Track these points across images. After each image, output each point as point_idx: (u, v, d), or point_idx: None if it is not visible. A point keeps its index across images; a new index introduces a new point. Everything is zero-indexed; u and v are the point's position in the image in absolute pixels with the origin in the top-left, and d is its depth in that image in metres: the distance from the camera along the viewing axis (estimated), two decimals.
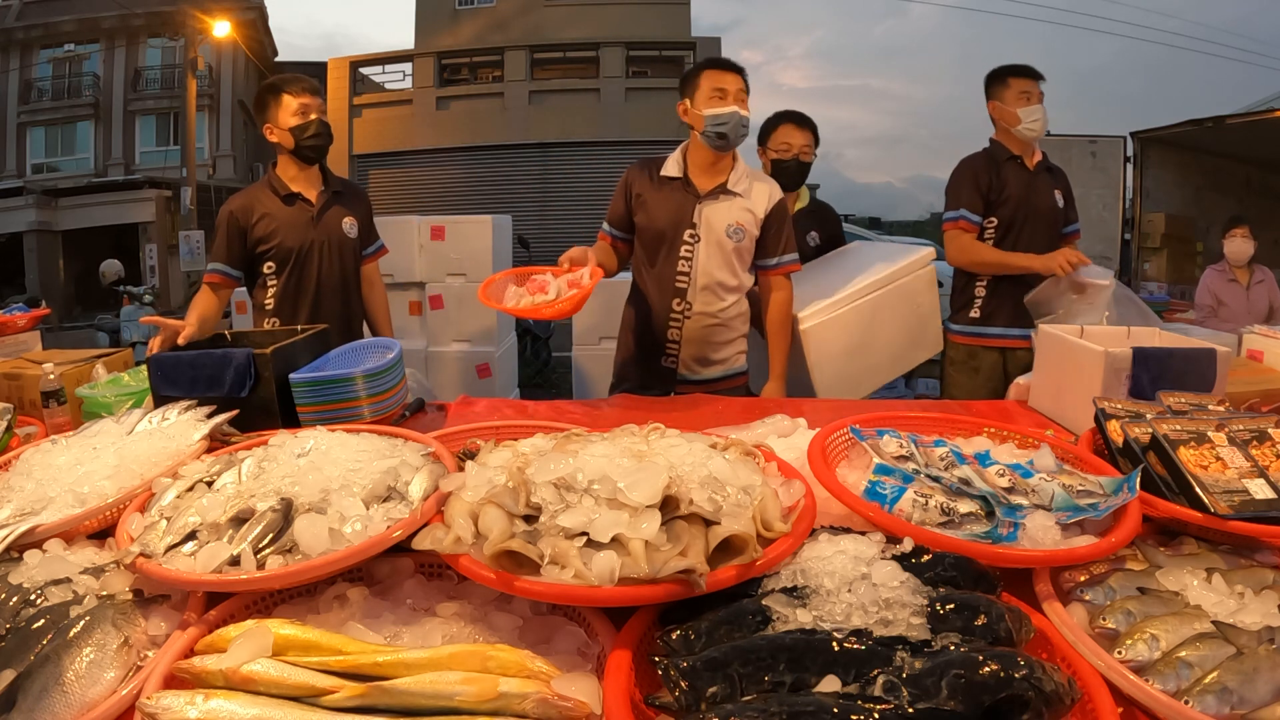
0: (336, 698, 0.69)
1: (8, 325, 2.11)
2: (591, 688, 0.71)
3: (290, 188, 2.13)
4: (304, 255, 2.12)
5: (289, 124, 2.06)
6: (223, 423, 1.31)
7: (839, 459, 1.16)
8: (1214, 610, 0.84)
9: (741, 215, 2.04)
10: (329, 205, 2.18)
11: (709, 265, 2.03)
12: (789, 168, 2.43)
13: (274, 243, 2.09)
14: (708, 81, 1.95)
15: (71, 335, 8.61)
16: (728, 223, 2.02)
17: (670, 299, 2.05)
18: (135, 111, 17.93)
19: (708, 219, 2.02)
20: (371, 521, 0.91)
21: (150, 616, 0.85)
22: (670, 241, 2.03)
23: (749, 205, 2.05)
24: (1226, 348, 1.53)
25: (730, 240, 2.03)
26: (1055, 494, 0.99)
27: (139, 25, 17.34)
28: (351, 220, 2.23)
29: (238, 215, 2.08)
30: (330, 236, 2.17)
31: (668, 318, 2.06)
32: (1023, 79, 2.36)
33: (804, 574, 0.80)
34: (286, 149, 2.10)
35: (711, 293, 2.05)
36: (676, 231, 2.02)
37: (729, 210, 2.03)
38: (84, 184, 15.30)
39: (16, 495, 1.04)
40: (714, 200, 2.02)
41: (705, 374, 2.12)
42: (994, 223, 2.39)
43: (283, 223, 2.10)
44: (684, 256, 2.03)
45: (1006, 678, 0.63)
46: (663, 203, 2.03)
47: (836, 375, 2.23)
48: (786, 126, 2.46)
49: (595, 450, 0.94)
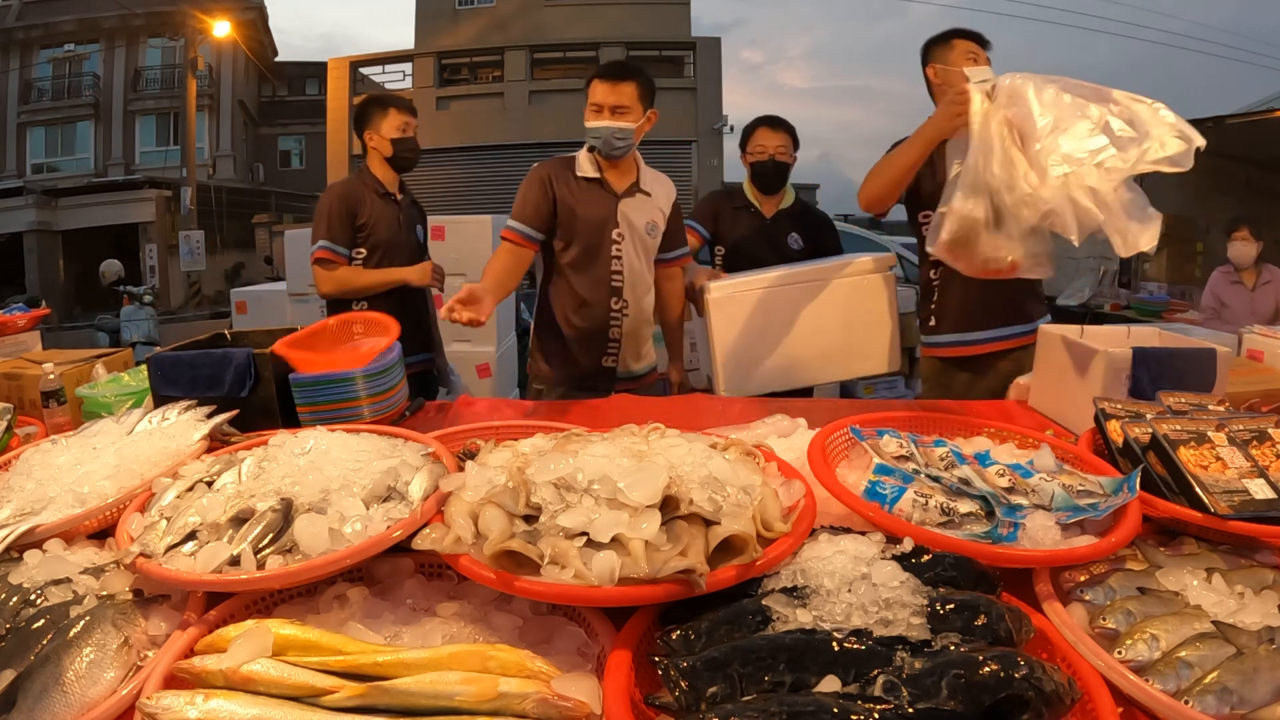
0: (336, 698, 0.69)
1: (8, 325, 2.11)
2: (591, 688, 0.71)
3: (386, 188, 2.41)
4: (393, 249, 2.40)
5: (392, 135, 2.37)
6: (223, 423, 1.31)
7: (839, 459, 1.16)
8: (1214, 610, 0.84)
9: (654, 214, 2.11)
10: (409, 211, 2.50)
11: (634, 262, 2.08)
12: (766, 169, 2.48)
13: (371, 231, 2.36)
14: (590, 94, 1.97)
15: (71, 335, 8.61)
16: (645, 220, 2.08)
17: (609, 298, 2.06)
18: (135, 111, 17.95)
19: (628, 218, 2.05)
20: (371, 521, 0.91)
21: (150, 616, 0.85)
22: (600, 241, 2.04)
23: (658, 204, 2.12)
24: (1226, 348, 1.53)
25: (649, 238, 2.10)
26: (1055, 494, 0.99)
27: (139, 25, 17.35)
28: (420, 228, 2.58)
29: (346, 200, 2.33)
30: (409, 238, 2.48)
31: (608, 317, 2.08)
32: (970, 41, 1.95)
33: (804, 574, 0.80)
34: (383, 155, 2.39)
35: (640, 288, 2.11)
36: (604, 231, 2.04)
37: (645, 209, 2.09)
38: (84, 184, 15.30)
39: (16, 495, 1.04)
40: (631, 199, 2.06)
41: (636, 369, 2.18)
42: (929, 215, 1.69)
43: (380, 215, 2.37)
44: (615, 256, 2.05)
45: (1006, 678, 0.63)
46: (587, 202, 2.03)
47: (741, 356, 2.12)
48: (761, 130, 2.51)
49: (595, 450, 0.94)
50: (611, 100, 1.94)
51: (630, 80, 1.96)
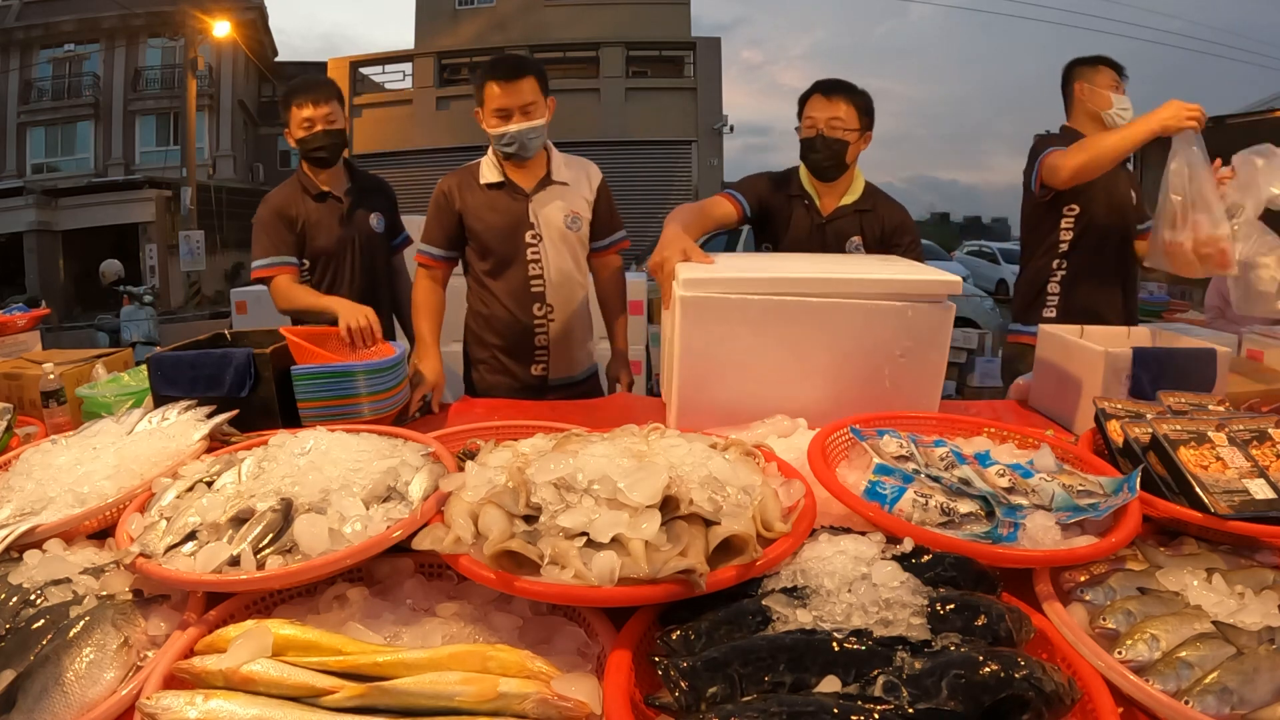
0: (336, 698, 0.69)
1: (8, 325, 2.11)
2: (591, 688, 0.71)
3: (320, 186, 2.19)
4: (338, 251, 2.20)
5: (296, 135, 2.14)
6: (223, 423, 1.31)
7: (839, 459, 1.16)
8: (1214, 610, 0.84)
9: (574, 203, 1.99)
10: (356, 204, 2.25)
11: (558, 261, 1.98)
12: (814, 148, 1.91)
13: (309, 240, 2.17)
14: (489, 97, 1.85)
15: (71, 335, 8.61)
16: (564, 213, 1.97)
17: (530, 305, 1.97)
18: (135, 111, 17.94)
19: (543, 215, 1.95)
20: (371, 521, 0.91)
21: (150, 616, 0.85)
22: (514, 247, 1.95)
23: (578, 192, 2.00)
24: (1226, 348, 1.53)
25: (571, 231, 1.99)
26: (1055, 494, 0.99)
27: (139, 25, 17.35)
28: (378, 216, 2.29)
29: (280, 209, 2.14)
30: (359, 233, 2.24)
31: (532, 325, 1.99)
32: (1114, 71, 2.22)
33: (804, 574, 0.80)
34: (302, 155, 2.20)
35: (567, 289, 2.01)
36: (517, 235, 1.94)
37: (561, 200, 1.97)
38: (84, 184, 15.31)
39: (16, 495, 1.04)
40: (543, 193, 1.96)
41: (572, 375, 2.09)
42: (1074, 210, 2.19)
43: (316, 221, 2.18)
44: (532, 260, 1.96)
45: (1006, 678, 0.63)
46: (494, 210, 1.95)
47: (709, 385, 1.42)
48: (813, 99, 1.94)
49: (595, 450, 0.94)
50: (517, 101, 1.83)
51: (528, 75, 1.85)
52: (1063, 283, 2.24)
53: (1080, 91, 2.24)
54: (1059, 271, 2.24)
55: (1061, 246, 2.23)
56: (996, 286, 14.03)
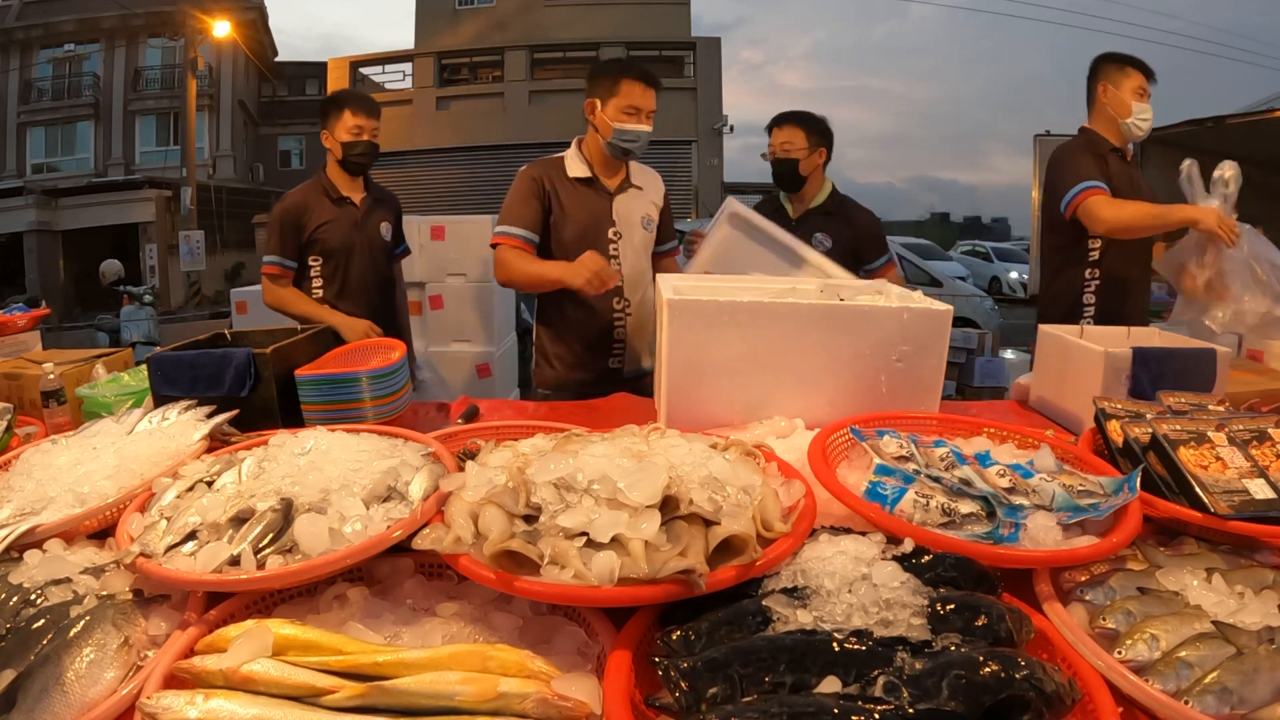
0: (336, 698, 0.69)
1: (8, 325, 2.11)
2: (591, 688, 0.71)
3: (341, 192, 2.36)
4: (348, 254, 2.36)
5: (343, 138, 2.30)
6: (223, 423, 1.31)
7: (839, 459, 1.16)
8: (1214, 610, 0.84)
9: (648, 207, 2.11)
10: (370, 211, 2.42)
11: (634, 259, 2.08)
12: (776, 169, 2.40)
13: (322, 239, 2.33)
14: (625, 94, 1.95)
15: (71, 335, 8.61)
16: (641, 215, 2.09)
17: (610, 299, 2.04)
18: (135, 111, 17.96)
19: (624, 214, 2.05)
20: (371, 521, 0.91)
21: (150, 616, 0.85)
22: (597, 242, 2.00)
23: (651, 197, 2.13)
24: (1226, 348, 1.53)
25: (646, 232, 2.11)
26: (1056, 494, 0.99)
27: (139, 25, 17.36)
28: (388, 225, 2.48)
29: (293, 211, 2.30)
30: (370, 239, 2.41)
31: (611, 319, 2.07)
32: (1142, 74, 2.20)
33: (804, 574, 0.80)
34: (335, 158, 2.34)
35: (641, 286, 2.11)
36: (600, 231, 2.02)
37: (639, 203, 2.09)
38: (84, 184, 15.32)
39: (16, 495, 1.04)
40: (624, 195, 2.07)
41: (640, 367, 2.17)
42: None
43: (332, 223, 2.33)
44: (613, 256, 2.03)
45: (1007, 678, 0.63)
46: (581, 203, 2.02)
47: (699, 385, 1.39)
48: (776, 129, 2.41)
49: (595, 450, 0.94)
50: (649, 105, 1.97)
51: (658, 87, 2.00)
52: (1098, 292, 2.25)
53: (1103, 93, 2.23)
54: (1093, 281, 2.26)
55: (1092, 255, 2.25)
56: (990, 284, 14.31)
